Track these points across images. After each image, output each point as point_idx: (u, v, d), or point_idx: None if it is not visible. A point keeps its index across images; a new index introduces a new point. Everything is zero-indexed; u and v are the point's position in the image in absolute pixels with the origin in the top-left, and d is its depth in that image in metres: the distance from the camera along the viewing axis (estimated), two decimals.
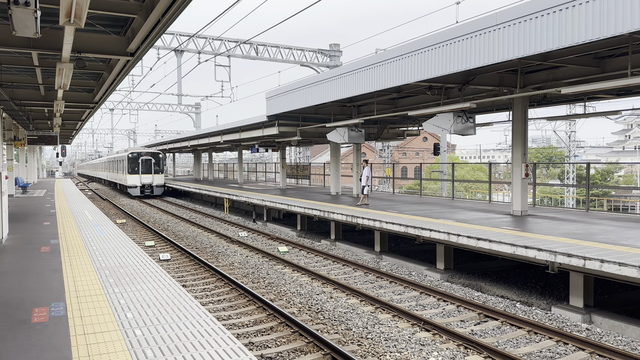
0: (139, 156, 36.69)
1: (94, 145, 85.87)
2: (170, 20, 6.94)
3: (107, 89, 13.11)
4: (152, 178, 36.94)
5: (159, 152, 38.32)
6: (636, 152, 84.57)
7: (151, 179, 36.87)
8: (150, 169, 36.79)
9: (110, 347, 4.94)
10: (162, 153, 38.80)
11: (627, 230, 11.01)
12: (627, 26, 7.65)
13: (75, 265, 8.68)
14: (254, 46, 27.69)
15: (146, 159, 36.83)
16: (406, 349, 7.34)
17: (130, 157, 36.48)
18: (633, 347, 7.57)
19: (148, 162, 36.88)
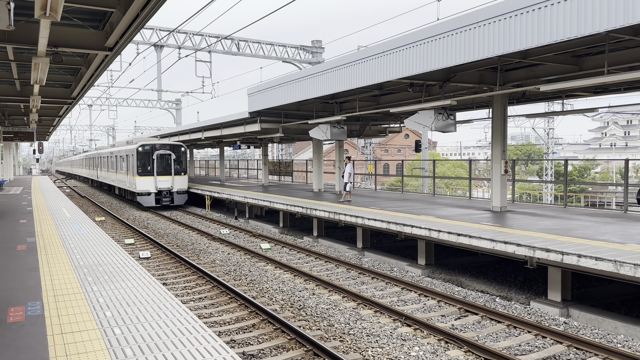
0: (152, 150, 25.65)
1: (72, 141, 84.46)
2: (150, 14, 6.85)
3: (85, 84, 12.90)
4: (172, 181, 25.83)
5: (181, 145, 26.81)
6: (612, 149, 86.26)
7: (170, 183, 25.79)
8: (169, 168, 25.87)
9: (89, 347, 4.86)
10: (185, 146, 27.16)
11: (603, 226, 11.22)
12: (604, 25, 7.77)
13: (53, 263, 8.53)
14: (236, 42, 27.50)
15: (163, 154, 25.89)
16: (388, 344, 7.38)
17: (140, 152, 25.47)
18: (609, 339, 7.73)
19: (166, 159, 25.93)
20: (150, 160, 25.58)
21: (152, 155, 25.57)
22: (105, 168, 36.08)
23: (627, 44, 10.37)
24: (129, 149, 26.86)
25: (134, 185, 25.90)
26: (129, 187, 27.44)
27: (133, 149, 25.88)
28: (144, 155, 25.60)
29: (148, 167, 25.49)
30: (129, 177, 27.14)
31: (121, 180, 29.49)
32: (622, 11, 7.50)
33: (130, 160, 26.49)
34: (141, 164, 25.46)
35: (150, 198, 25.45)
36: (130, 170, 26.61)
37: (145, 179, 25.40)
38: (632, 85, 13.62)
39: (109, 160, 34.27)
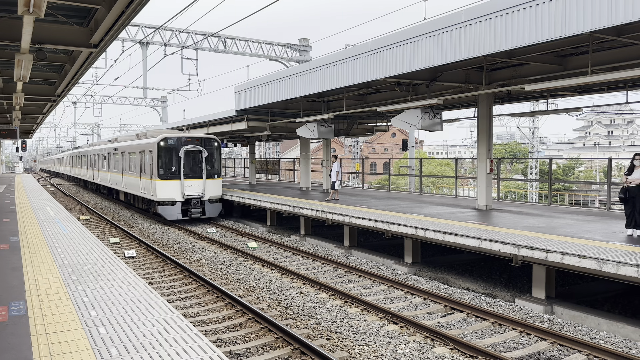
0: (179, 145, 19.53)
1: (56, 139, 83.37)
2: (135, 11, 6.79)
3: (70, 81, 12.76)
4: (203, 186, 19.76)
5: (214, 138, 20.67)
6: (596, 148, 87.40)
7: (201, 188, 19.72)
8: (199, 169, 19.80)
9: (73, 346, 4.82)
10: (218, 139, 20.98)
11: (586, 224, 11.37)
12: (588, 25, 7.87)
13: (37, 263, 8.42)
14: (222, 39, 27.37)
15: (192, 151, 19.76)
16: (374, 341, 7.41)
17: (163, 147, 19.37)
18: (592, 336, 7.84)
19: (196, 157, 19.90)
20: (176, 159, 19.26)
21: (179, 151, 19.22)
22: (105, 168, 29.41)
23: (610, 45, 10.52)
24: (146, 144, 20.51)
25: (152, 191, 19.49)
26: (143, 194, 20.91)
27: (152, 144, 19.50)
28: (167, 151, 19.23)
29: (172, 167, 19.21)
30: (144, 181, 20.57)
31: (131, 184, 22.88)
32: (605, 12, 7.60)
33: (147, 159, 20.18)
34: (163, 163, 19.24)
35: (175, 209, 19.10)
36: (147, 171, 20.23)
37: (168, 183, 19.01)
38: (615, 85, 13.81)
39: (110, 159, 27.61)
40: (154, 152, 19.41)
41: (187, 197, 19.42)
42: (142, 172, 21.09)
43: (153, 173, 19.52)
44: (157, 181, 19.21)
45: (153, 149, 19.49)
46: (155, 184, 19.29)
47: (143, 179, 20.97)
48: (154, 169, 19.44)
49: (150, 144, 19.87)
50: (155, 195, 19.41)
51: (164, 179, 19.21)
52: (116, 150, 26.17)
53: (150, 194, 19.89)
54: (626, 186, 9.54)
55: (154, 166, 19.40)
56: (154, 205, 19.94)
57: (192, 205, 19.53)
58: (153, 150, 19.47)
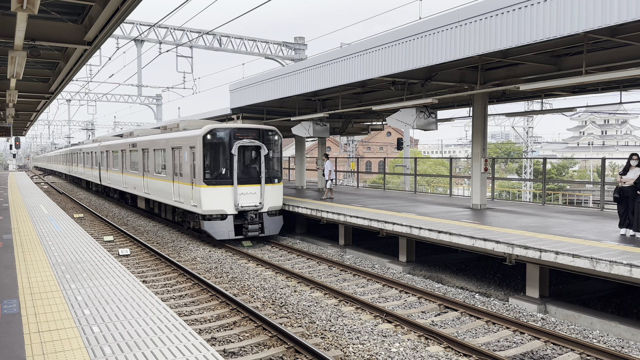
0: (230, 139, 14.91)
1: (50, 137, 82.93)
2: (130, 8, 6.75)
3: (64, 79, 12.68)
4: (262, 194, 15.30)
5: (273, 130, 15.95)
6: (590, 148, 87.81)
7: (259, 197, 15.27)
8: (257, 172, 15.37)
9: (67, 345, 4.80)
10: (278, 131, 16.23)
11: (580, 223, 11.42)
12: (583, 25, 7.90)
13: (30, 261, 8.38)
14: (217, 37, 27.30)
15: (249, 147, 15.34)
16: (369, 340, 7.42)
17: (209, 142, 14.81)
18: (585, 335, 7.88)
19: (252, 155, 15.51)
20: (228, 158, 14.69)
21: (231, 148, 14.63)
22: (116, 168, 24.76)
23: (604, 45, 10.56)
24: (184, 138, 15.88)
25: (194, 201, 15.04)
26: (178, 203, 16.37)
27: (194, 138, 14.93)
28: (215, 148, 14.72)
29: (223, 169, 14.71)
30: (181, 187, 15.98)
31: (158, 189, 18.26)
32: (600, 12, 7.63)
33: (185, 158, 15.59)
34: (211, 163, 14.73)
35: (225, 225, 14.55)
36: (184, 174, 15.66)
37: (217, 191, 14.57)
38: (609, 85, 13.88)
39: (125, 157, 22.91)
40: (197, 149, 14.63)
41: (242, 208, 14.68)
42: (176, 175, 16.42)
43: (196, 176, 14.76)
44: (203, 187, 14.44)
45: (196, 144, 14.70)
46: (199, 191, 14.52)
47: (179, 184, 16.02)
48: (197, 170, 14.69)
49: (192, 137, 15.08)
50: (199, 207, 14.60)
51: (212, 185, 14.48)
52: (134, 147, 21.22)
53: (191, 204, 15.17)
54: (620, 186, 9.59)
55: (198, 167, 14.61)
56: (197, 220, 15.03)
57: (249, 220, 14.70)
58: (196, 146, 14.69)
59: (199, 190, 14.66)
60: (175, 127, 18.28)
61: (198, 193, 14.70)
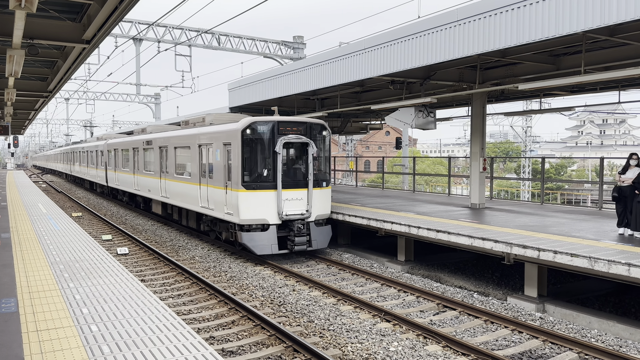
0: (273, 134, 12.38)
1: (49, 135, 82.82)
2: (128, 7, 6.75)
3: (62, 77, 12.67)
4: (309, 199, 12.78)
5: (321, 124, 13.32)
6: (588, 148, 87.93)
7: (306, 204, 12.80)
8: (304, 174, 12.92)
9: (65, 344, 4.79)
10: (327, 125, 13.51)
11: (579, 223, 11.44)
12: (581, 25, 7.90)
13: (28, 259, 8.37)
14: (216, 36, 27.27)
15: (294, 143, 12.83)
16: (367, 339, 7.42)
17: (249, 137, 12.32)
18: (583, 334, 7.89)
19: (298, 153, 13.13)
20: (270, 157, 12.35)
21: (274, 144, 12.25)
22: (127, 168, 22.35)
23: (603, 45, 10.57)
24: (217, 133, 13.45)
25: (230, 207, 12.63)
26: (210, 211, 13.86)
27: (231, 133, 12.61)
28: (256, 145, 12.36)
29: (265, 170, 12.33)
30: (213, 191, 13.53)
31: (181, 193, 15.84)
32: (598, 12, 7.63)
33: (219, 156, 13.20)
34: (251, 163, 12.35)
35: (267, 237, 12.20)
36: (218, 175, 13.28)
37: (257, 196, 12.23)
38: (608, 85, 13.90)
39: (138, 156, 20.56)
40: (234, 146, 12.32)
41: (287, 217, 12.31)
42: (203, 177, 14.13)
43: (232, 179, 12.46)
44: (241, 192, 12.11)
45: (233, 140, 12.39)
46: (236, 197, 12.19)
47: (208, 188, 13.80)
48: (234, 172, 12.37)
49: (227, 133, 12.77)
50: (236, 215, 12.28)
51: (251, 189, 12.12)
52: (149, 144, 18.97)
53: (225, 211, 12.84)
54: (619, 185, 9.61)
55: (236, 168, 12.27)
56: (232, 230, 12.71)
57: (296, 231, 12.33)
58: (233, 143, 12.40)
59: (235, 195, 12.22)
60: (199, 122, 15.68)
61: (235, 199, 12.25)
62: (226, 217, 12.82)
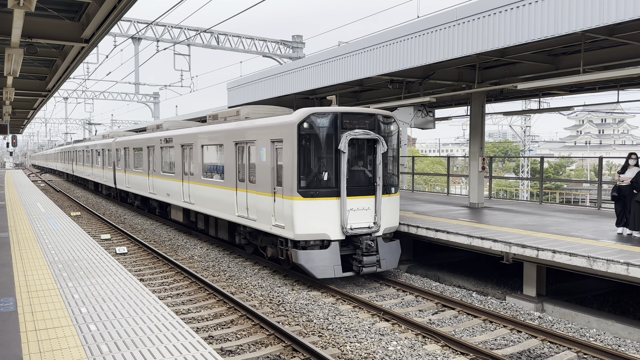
0: (335, 127, 10.07)
1: (47, 134, 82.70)
2: (127, 6, 6.73)
3: (61, 76, 12.65)
4: (376, 209, 10.46)
5: (389, 116, 10.86)
6: (587, 147, 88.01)
7: (372, 215, 10.46)
8: (367, 180, 10.52)
9: (64, 343, 4.79)
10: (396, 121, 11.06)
11: (577, 222, 11.44)
12: (580, 24, 7.91)
13: (27, 259, 8.36)
14: (215, 35, 27.25)
15: (360, 140, 10.40)
16: (366, 338, 7.42)
17: (306, 131, 9.96)
18: (581, 333, 7.90)
19: (365, 153, 10.57)
20: (333, 157, 10.21)
21: (337, 141, 10.10)
22: (140, 169, 20.16)
23: (602, 44, 10.58)
24: (263, 128, 11.28)
25: (281, 219, 10.45)
26: (251, 222, 11.60)
27: (283, 128, 10.45)
28: (315, 142, 10.14)
29: (325, 173, 10.22)
30: (256, 198, 11.33)
31: (215, 199, 13.39)
32: (597, 11, 7.64)
33: (263, 156, 11.12)
34: (308, 164, 10.14)
35: (330, 256, 10.01)
36: (261, 179, 11.18)
37: (317, 205, 10.08)
38: (607, 84, 13.91)
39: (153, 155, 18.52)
40: (288, 144, 10.10)
41: (352, 231, 10.11)
42: (241, 181, 12.05)
43: (284, 184, 10.28)
44: (297, 201, 9.92)
45: (287, 136, 10.15)
46: (290, 206, 10.00)
47: (250, 194, 11.56)
48: (286, 175, 10.19)
49: (278, 127, 10.57)
50: (289, 228, 10.06)
51: (309, 197, 9.91)
52: (168, 142, 16.86)
53: (272, 223, 10.67)
54: (618, 184, 9.62)
55: (290, 171, 10.07)
56: (283, 247, 10.46)
57: (364, 249, 9.96)
58: (287, 140, 10.15)
59: (289, 204, 9.98)
60: (232, 116, 13.45)
61: (288, 208, 10.03)
62: (274, 231, 10.60)
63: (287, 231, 10.17)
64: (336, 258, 9.93)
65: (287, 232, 10.17)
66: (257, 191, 11.33)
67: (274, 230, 10.64)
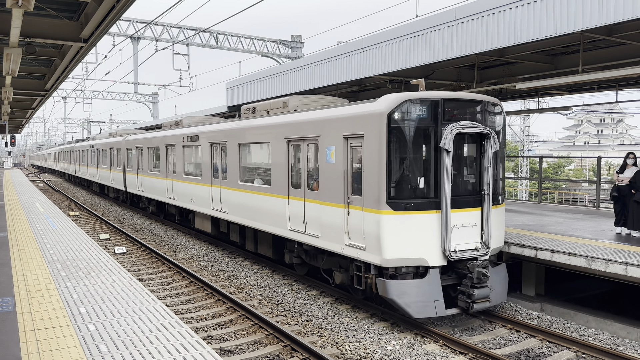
0: (436, 120, 7.76)
1: (46, 134, 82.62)
2: (126, 5, 6.74)
3: (59, 76, 12.64)
4: (484, 225, 8.16)
5: (496, 104, 8.49)
6: (586, 147, 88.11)
7: (478, 232, 8.16)
8: (472, 188, 8.34)
9: (62, 343, 4.78)
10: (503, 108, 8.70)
11: (576, 222, 11.46)
12: (579, 24, 7.92)
13: (25, 259, 8.35)
14: (214, 35, 27.24)
15: (467, 135, 8.11)
16: (365, 338, 7.42)
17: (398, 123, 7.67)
18: (580, 333, 7.91)
19: (470, 154, 8.43)
20: (432, 157, 7.89)
21: (438, 137, 7.80)
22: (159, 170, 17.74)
23: (601, 44, 10.59)
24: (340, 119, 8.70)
25: (362, 238, 8.11)
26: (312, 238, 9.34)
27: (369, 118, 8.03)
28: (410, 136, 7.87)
29: (420, 179, 7.97)
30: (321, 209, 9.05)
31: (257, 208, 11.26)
32: (596, 11, 7.65)
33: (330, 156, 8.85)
34: (402, 166, 7.93)
35: (429, 288, 7.69)
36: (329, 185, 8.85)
37: (412, 221, 7.77)
38: (606, 84, 13.91)
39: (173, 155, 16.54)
40: (374, 140, 7.88)
41: (456, 256, 7.86)
42: (295, 187, 9.88)
43: (366, 192, 8.02)
44: (386, 215, 7.73)
45: (371, 129, 7.94)
46: (378, 222, 7.79)
47: (314, 204, 9.26)
48: (369, 182, 7.97)
49: (358, 119, 8.32)
50: (374, 250, 7.87)
51: (402, 210, 7.74)
52: (193, 140, 14.70)
53: (346, 242, 8.42)
54: (618, 184, 9.63)
55: (375, 176, 7.86)
56: (362, 274, 8.25)
57: (476, 279, 7.76)
58: (371, 135, 7.94)
59: (374, 220, 7.72)
60: (278, 108, 11.20)
61: (372, 225, 7.78)
62: (348, 252, 8.35)
63: (369, 254, 7.87)
64: (437, 291, 7.65)
65: (369, 255, 7.87)
66: (320, 200, 8.98)
67: (348, 252, 8.34)
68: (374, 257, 7.81)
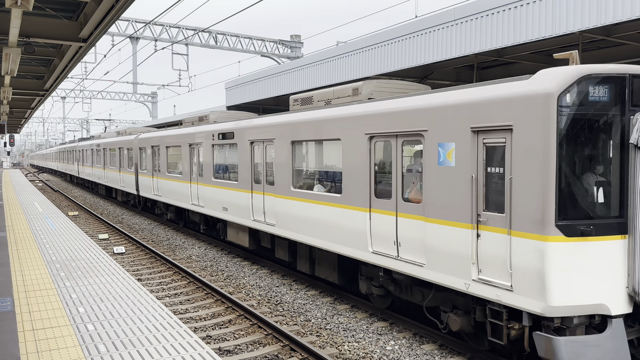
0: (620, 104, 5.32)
1: (45, 134, 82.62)
2: (125, 5, 6.74)
3: (58, 76, 12.64)
4: None
5: None
6: None
7: None
8: None
9: (61, 343, 4.78)
10: None
11: None
12: (578, 25, 7.93)
13: (24, 258, 8.35)
14: (213, 35, 27.25)
15: None
16: (364, 338, 7.43)
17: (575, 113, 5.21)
18: None
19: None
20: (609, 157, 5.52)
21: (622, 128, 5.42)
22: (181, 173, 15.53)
23: (600, 44, 10.60)
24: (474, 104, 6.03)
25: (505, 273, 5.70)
26: (417, 267, 6.84)
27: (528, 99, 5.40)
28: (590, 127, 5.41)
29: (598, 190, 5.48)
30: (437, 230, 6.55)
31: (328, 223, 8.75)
32: (595, 12, 7.66)
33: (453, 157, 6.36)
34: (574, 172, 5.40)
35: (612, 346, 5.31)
36: (449, 197, 6.38)
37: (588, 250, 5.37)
38: None
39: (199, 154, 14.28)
40: (529, 134, 5.44)
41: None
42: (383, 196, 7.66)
43: (518, 209, 5.60)
44: (552, 242, 5.32)
45: (524, 119, 5.49)
46: (542, 251, 5.36)
47: (413, 221, 7.07)
48: (524, 193, 5.53)
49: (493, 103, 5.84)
50: (531, 292, 5.47)
51: (576, 236, 5.34)
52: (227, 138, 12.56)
53: (475, 276, 6.10)
54: None
55: (538, 186, 5.38)
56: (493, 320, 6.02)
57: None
58: (523, 128, 5.51)
59: (536, 249, 5.46)
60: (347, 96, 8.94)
61: (532, 256, 5.50)
62: (478, 291, 6.09)
63: (520, 297, 5.61)
64: (623, 350, 5.43)
65: (520, 298, 5.61)
66: (426, 217, 6.77)
67: (477, 290, 6.10)
68: (531, 302, 5.50)
